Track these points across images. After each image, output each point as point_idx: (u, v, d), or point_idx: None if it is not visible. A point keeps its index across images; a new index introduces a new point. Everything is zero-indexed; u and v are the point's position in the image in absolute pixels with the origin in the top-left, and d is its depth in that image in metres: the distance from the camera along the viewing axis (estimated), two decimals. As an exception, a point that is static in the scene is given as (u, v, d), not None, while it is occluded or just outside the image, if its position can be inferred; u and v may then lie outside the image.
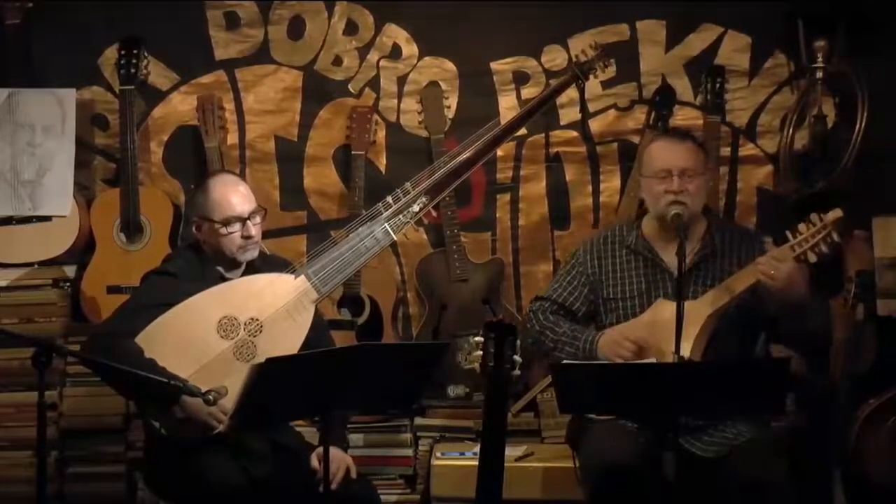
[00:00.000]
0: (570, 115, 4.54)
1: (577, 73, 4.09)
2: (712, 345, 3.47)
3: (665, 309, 3.49)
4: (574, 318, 3.71)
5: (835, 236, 3.35)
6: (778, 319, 3.50)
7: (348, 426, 3.85)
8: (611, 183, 4.52)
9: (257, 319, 3.47)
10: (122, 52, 4.42)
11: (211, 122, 4.45)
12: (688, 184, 3.52)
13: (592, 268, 3.69)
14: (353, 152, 4.46)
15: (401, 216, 3.64)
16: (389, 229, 3.63)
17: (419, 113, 4.53)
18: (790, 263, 3.36)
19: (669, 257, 3.59)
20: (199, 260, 3.61)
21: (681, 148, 3.59)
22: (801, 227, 3.39)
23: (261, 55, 4.59)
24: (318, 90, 4.59)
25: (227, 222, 3.54)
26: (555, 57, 4.54)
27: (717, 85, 4.41)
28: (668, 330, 3.35)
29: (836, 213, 3.36)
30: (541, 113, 4.19)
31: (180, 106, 4.59)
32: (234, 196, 3.56)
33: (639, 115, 4.53)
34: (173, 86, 4.59)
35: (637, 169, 3.64)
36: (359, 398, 3.25)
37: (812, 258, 3.38)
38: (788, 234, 3.41)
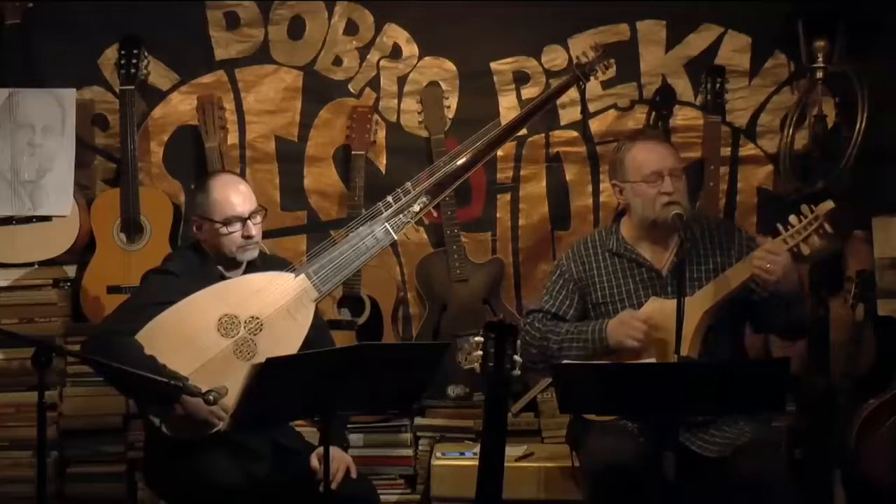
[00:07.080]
0: (570, 115, 4.54)
1: (578, 75, 4.10)
2: (706, 340, 3.47)
3: (659, 306, 3.49)
4: None
5: (827, 227, 3.35)
6: (761, 309, 3.50)
7: (348, 426, 3.85)
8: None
9: (258, 318, 3.47)
10: (122, 52, 4.42)
11: (211, 122, 4.45)
12: (676, 183, 3.55)
13: (578, 273, 3.68)
14: (353, 152, 4.46)
15: (401, 216, 3.64)
16: (390, 229, 3.63)
17: (419, 113, 4.52)
18: (785, 256, 3.36)
19: (654, 257, 3.61)
20: (199, 259, 3.61)
21: (665, 148, 3.64)
22: (793, 219, 3.39)
23: (261, 55, 4.59)
24: (318, 90, 4.58)
25: (227, 222, 3.54)
26: (555, 57, 4.53)
27: (718, 85, 4.41)
28: (665, 327, 3.36)
29: (827, 205, 3.35)
30: (541, 113, 4.20)
31: (180, 106, 4.59)
32: (234, 196, 3.56)
33: (639, 115, 4.53)
34: (173, 86, 4.59)
35: (618, 176, 3.65)
36: (359, 398, 3.24)
37: (806, 250, 3.37)
38: (780, 226, 3.40)
